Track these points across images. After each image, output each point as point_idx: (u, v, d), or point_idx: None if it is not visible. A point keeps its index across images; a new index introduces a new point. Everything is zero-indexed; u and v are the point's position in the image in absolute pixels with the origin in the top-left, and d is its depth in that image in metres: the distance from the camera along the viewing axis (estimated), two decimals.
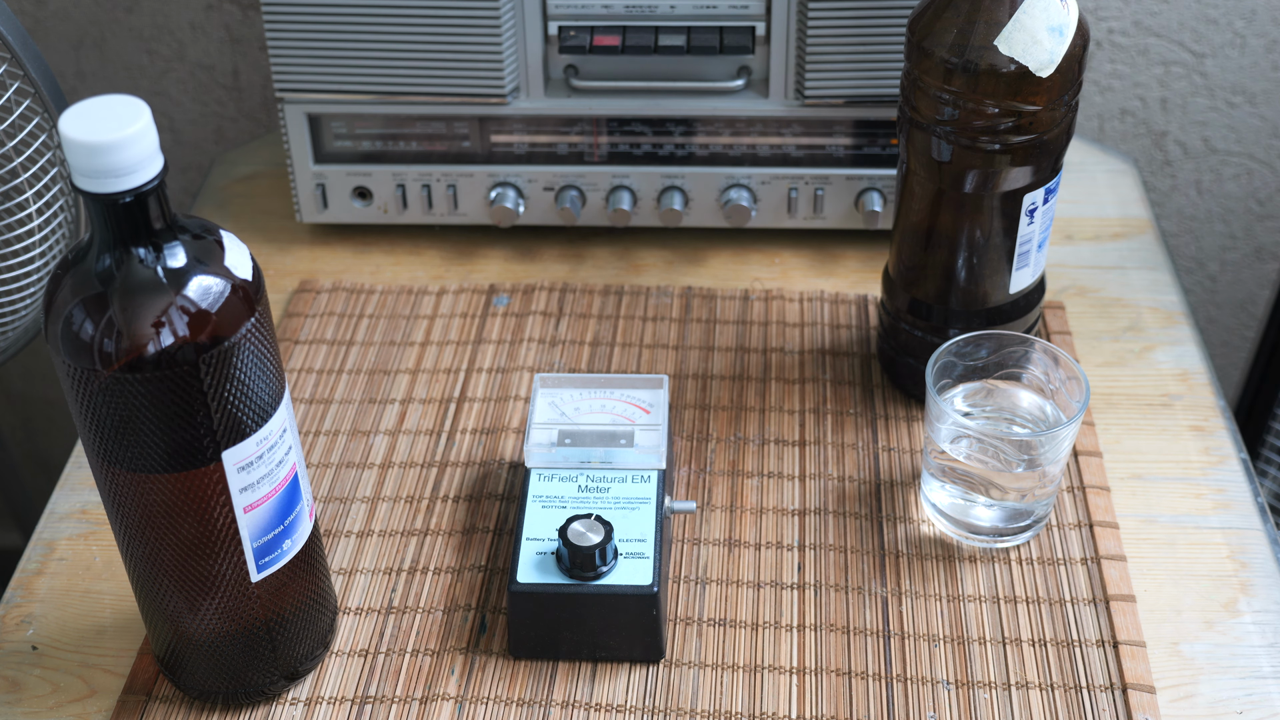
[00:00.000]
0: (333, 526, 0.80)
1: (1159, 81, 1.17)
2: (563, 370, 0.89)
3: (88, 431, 0.61)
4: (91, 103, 0.56)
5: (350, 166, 0.96)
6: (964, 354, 0.77)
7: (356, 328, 0.93)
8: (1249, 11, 1.12)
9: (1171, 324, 0.92)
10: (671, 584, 0.76)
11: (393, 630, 0.74)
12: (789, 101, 0.93)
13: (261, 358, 0.61)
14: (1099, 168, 1.06)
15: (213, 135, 1.25)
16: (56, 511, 0.82)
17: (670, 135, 0.94)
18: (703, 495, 0.81)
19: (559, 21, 0.91)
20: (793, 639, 0.73)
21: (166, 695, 0.71)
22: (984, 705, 0.69)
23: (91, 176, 0.55)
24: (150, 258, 0.58)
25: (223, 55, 1.20)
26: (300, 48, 0.92)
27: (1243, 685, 0.71)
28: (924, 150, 0.77)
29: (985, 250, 0.79)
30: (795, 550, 0.77)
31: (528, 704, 0.70)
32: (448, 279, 0.97)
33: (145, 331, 0.57)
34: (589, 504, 0.73)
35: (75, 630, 0.75)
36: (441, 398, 0.87)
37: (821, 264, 0.97)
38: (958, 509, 0.77)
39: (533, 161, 0.96)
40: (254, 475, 0.63)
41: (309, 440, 0.85)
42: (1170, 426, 0.85)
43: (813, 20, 0.89)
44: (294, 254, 1.00)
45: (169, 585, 0.65)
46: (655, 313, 0.93)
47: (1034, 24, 0.72)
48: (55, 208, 0.83)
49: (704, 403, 0.86)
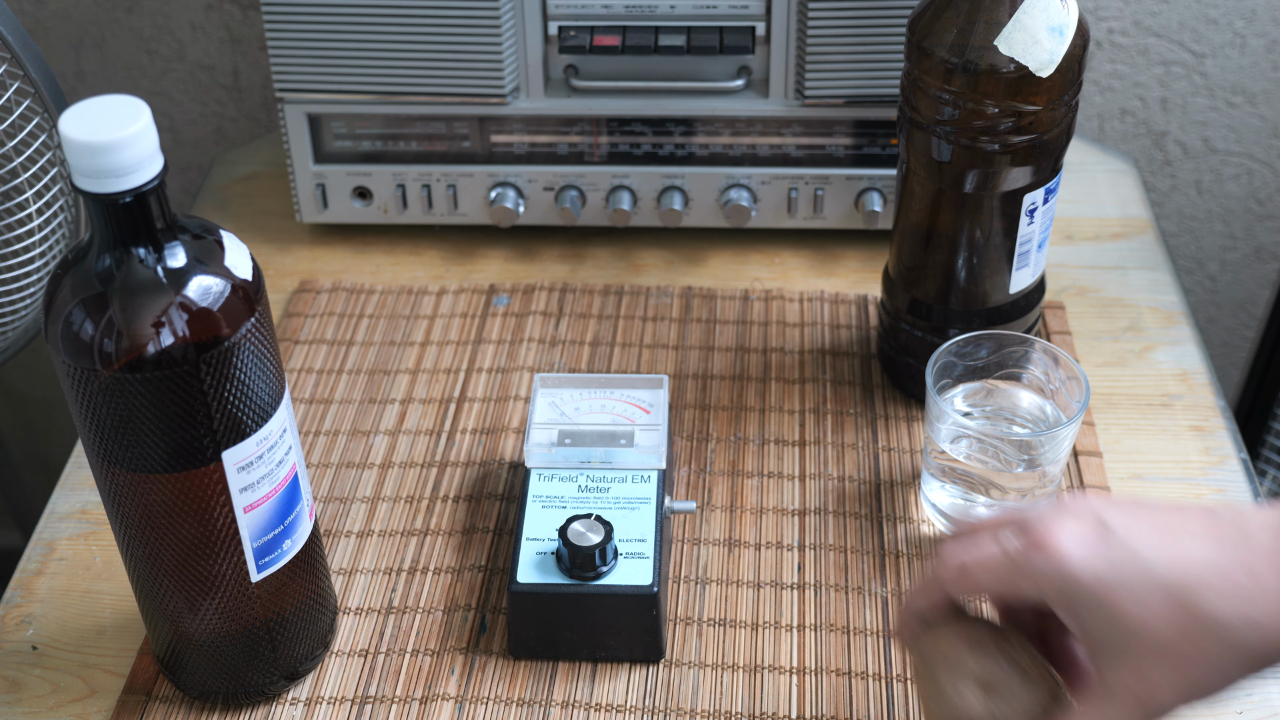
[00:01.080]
0: (333, 526, 0.80)
1: (1159, 81, 1.17)
2: (563, 370, 0.89)
3: (88, 431, 0.61)
4: (91, 103, 0.56)
5: (350, 166, 0.96)
6: (964, 354, 0.77)
7: (356, 328, 0.93)
8: (1249, 11, 1.12)
9: (1171, 324, 0.92)
10: (671, 584, 0.76)
11: (393, 630, 0.74)
12: (789, 101, 0.93)
13: (261, 358, 0.61)
14: (1099, 168, 1.06)
15: (213, 135, 1.25)
16: (56, 511, 0.82)
17: (670, 135, 0.94)
18: (703, 495, 0.81)
19: (559, 21, 0.91)
20: (793, 639, 0.73)
21: (166, 695, 0.71)
22: None
23: (91, 176, 0.55)
24: (150, 258, 0.58)
25: (223, 55, 1.20)
26: (300, 48, 0.92)
27: (1243, 685, 0.71)
28: (924, 150, 0.77)
29: (985, 250, 0.79)
30: (795, 550, 0.77)
31: (528, 704, 0.70)
32: (448, 279, 0.97)
33: (145, 331, 0.57)
34: (589, 504, 0.73)
35: (75, 630, 0.75)
36: (441, 398, 0.87)
37: (821, 264, 0.97)
38: (958, 509, 0.77)
39: (533, 161, 0.96)
40: (254, 475, 0.63)
41: (309, 440, 0.85)
42: (1170, 426, 0.85)
43: (813, 20, 0.89)
44: (294, 254, 1.00)
45: (169, 585, 0.65)
46: (655, 313, 0.93)
47: (1034, 24, 0.72)
48: (55, 208, 0.83)
49: (704, 403, 0.86)
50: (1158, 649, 0.51)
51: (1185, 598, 0.51)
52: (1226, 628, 0.51)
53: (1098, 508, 0.53)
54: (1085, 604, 0.52)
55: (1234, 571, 0.51)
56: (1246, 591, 0.50)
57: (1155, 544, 0.52)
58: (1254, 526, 0.52)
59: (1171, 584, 0.51)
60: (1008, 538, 0.54)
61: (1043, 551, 0.53)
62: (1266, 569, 0.51)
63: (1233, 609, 0.51)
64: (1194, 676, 0.52)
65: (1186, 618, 0.51)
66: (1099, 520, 0.53)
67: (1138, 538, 0.52)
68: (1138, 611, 0.51)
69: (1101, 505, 0.53)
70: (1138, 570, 0.51)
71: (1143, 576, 0.51)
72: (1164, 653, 0.51)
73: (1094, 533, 0.52)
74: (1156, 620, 0.51)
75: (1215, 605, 0.50)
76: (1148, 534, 0.52)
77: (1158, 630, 0.51)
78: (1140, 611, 0.51)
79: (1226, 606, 0.51)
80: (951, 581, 0.57)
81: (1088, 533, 0.52)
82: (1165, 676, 0.52)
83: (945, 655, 0.57)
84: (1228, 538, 0.51)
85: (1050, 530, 0.53)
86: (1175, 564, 0.51)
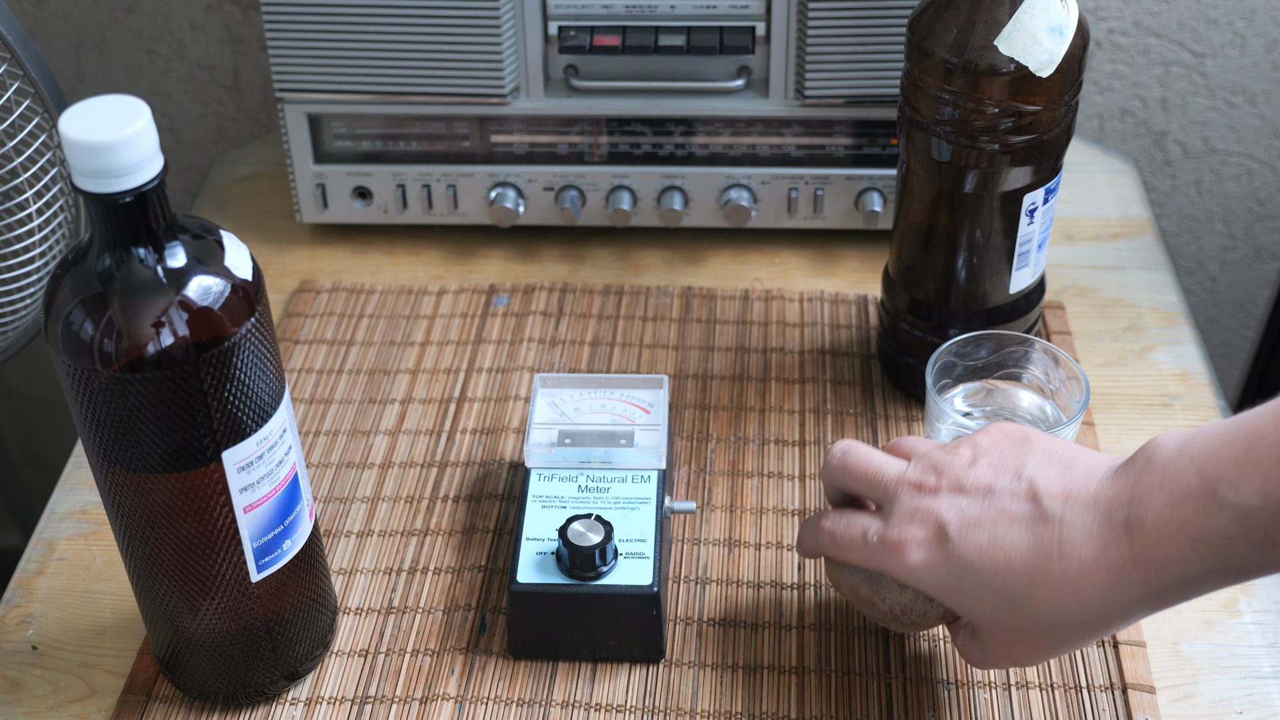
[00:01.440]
0: (333, 526, 0.80)
1: (1159, 81, 1.17)
2: (563, 370, 0.89)
3: (88, 431, 0.61)
4: (91, 103, 0.56)
5: (350, 166, 0.96)
6: (964, 354, 0.77)
7: (356, 328, 0.93)
8: (1249, 11, 1.12)
9: (1171, 324, 0.92)
10: (671, 584, 0.76)
11: (393, 630, 0.74)
12: (789, 101, 0.93)
13: (261, 358, 0.61)
14: (1099, 168, 1.06)
15: (213, 135, 1.25)
16: (56, 511, 0.82)
17: (670, 135, 0.94)
18: (703, 495, 0.81)
19: (559, 21, 0.91)
20: (793, 639, 0.73)
21: (166, 695, 0.71)
22: (984, 705, 0.69)
23: (91, 176, 0.55)
24: (150, 258, 0.58)
25: (223, 55, 1.20)
26: (300, 48, 0.92)
27: (1243, 685, 0.71)
28: (924, 150, 0.77)
29: (985, 250, 0.79)
30: (795, 550, 0.77)
31: (528, 704, 0.70)
32: (448, 279, 0.97)
33: (145, 331, 0.57)
34: (589, 504, 0.73)
35: (75, 630, 0.75)
36: (441, 398, 0.87)
37: (821, 264, 0.97)
38: None
39: (533, 161, 0.96)
40: (254, 475, 0.63)
41: (309, 440, 0.85)
42: (1170, 427, 0.85)
43: (813, 20, 0.89)
44: (294, 254, 1.00)
45: (169, 585, 0.65)
46: (655, 313, 0.93)
47: (1034, 24, 0.72)
48: (55, 208, 0.83)
49: (704, 403, 0.86)
50: (1001, 631, 0.60)
51: (1013, 603, 0.59)
52: (1054, 625, 0.58)
53: (940, 512, 0.60)
54: (933, 591, 0.62)
55: (1053, 580, 0.57)
56: (1064, 599, 0.57)
57: (983, 554, 0.59)
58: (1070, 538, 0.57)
59: (1000, 591, 0.59)
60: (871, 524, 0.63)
61: (891, 554, 0.62)
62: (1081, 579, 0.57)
63: (1054, 613, 0.58)
64: (1039, 646, 0.60)
65: (1018, 617, 0.59)
66: (939, 528, 0.60)
67: (970, 548, 0.59)
68: (977, 609, 0.60)
69: (942, 507, 0.61)
70: (971, 579, 0.59)
71: (975, 583, 0.59)
72: (1007, 633, 0.60)
73: (933, 541, 0.60)
74: (994, 616, 0.60)
75: (1038, 610, 0.58)
76: (979, 542, 0.59)
77: (998, 621, 0.60)
78: (979, 608, 0.60)
79: (1049, 611, 0.58)
80: (824, 546, 0.66)
81: (928, 540, 0.60)
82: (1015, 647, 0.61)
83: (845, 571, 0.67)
84: (1049, 549, 0.58)
85: (897, 537, 0.61)
86: (1001, 574, 0.58)
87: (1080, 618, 0.58)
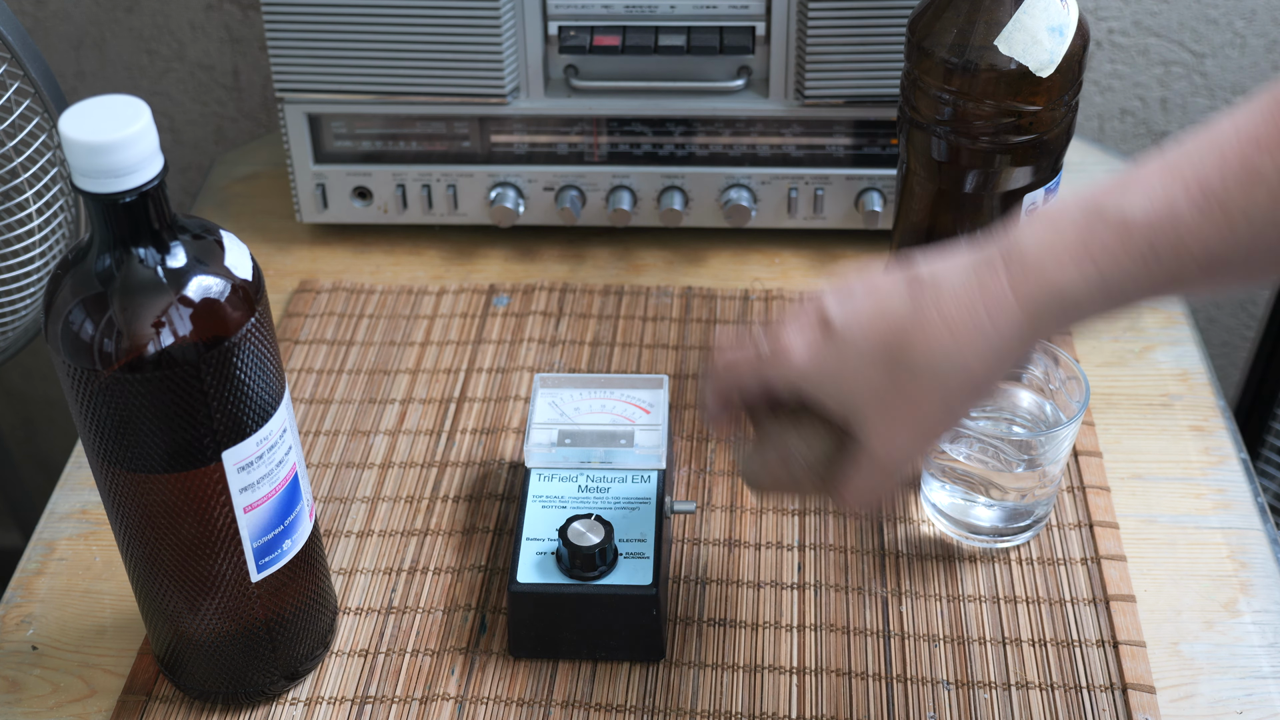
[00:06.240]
0: (333, 526, 0.80)
1: (1159, 81, 1.17)
2: (563, 370, 0.89)
3: (88, 431, 0.61)
4: (91, 103, 0.56)
5: (350, 166, 0.96)
6: None
7: (356, 328, 0.93)
8: (1249, 11, 1.12)
9: (1171, 324, 0.92)
10: (671, 584, 0.76)
11: (393, 630, 0.74)
12: (789, 101, 0.93)
13: (261, 358, 0.61)
14: (1099, 168, 1.06)
15: (213, 135, 1.25)
16: (56, 511, 0.82)
17: (670, 135, 0.94)
18: (703, 495, 0.81)
19: (559, 21, 0.91)
20: (793, 639, 0.73)
21: (166, 695, 0.71)
22: (984, 705, 0.69)
23: (92, 176, 0.55)
24: (150, 258, 0.58)
25: (223, 55, 1.20)
26: (300, 48, 0.92)
27: (1243, 685, 0.71)
28: (924, 150, 0.77)
29: None
30: (795, 550, 0.77)
31: (528, 704, 0.70)
32: (448, 279, 0.97)
33: (145, 331, 0.57)
34: (589, 504, 0.73)
35: (75, 630, 0.75)
36: (441, 398, 0.87)
37: (822, 264, 0.97)
38: (958, 509, 0.77)
39: (533, 161, 0.96)
40: (254, 475, 0.63)
41: (309, 440, 0.85)
42: (1170, 426, 0.85)
43: (813, 20, 0.89)
44: (294, 254, 1.00)
45: (169, 585, 0.65)
46: (655, 313, 0.93)
47: (1034, 24, 0.72)
48: (55, 208, 0.83)
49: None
50: (883, 406, 0.59)
51: (894, 360, 0.58)
52: (934, 374, 0.58)
53: (822, 304, 0.61)
54: (822, 389, 0.61)
55: (931, 325, 0.57)
56: (942, 343, 0.57)
57: (867, 322, 0.59)
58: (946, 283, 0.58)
59: (882, 354, 0.58)
60: (760, 341, 0.63)
61: (778, 357, 0.61)
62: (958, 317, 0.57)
63: (932, 362, 0.57)
64: (920, 418, 0.59)
65: (898, 374, 0.58)
66: (822, 318, 0.60)
67: (853, 324, 0.59)
68: (860, 384, 0.60)
69: (825, 300, 0.61)
70: (855, 354, 0.59)
71: (859, 357, 0.59)
72: (889, 406, 0.59)
73: (817, 332, 0.60)
74: (875, 386, 0.59)
75: (916, 362, 0.58)
76: (862, 313, 0.59)
77: (879, 392, 0.59)
78: (862, 383, 0.59)
79: (926, 361, 0.58)
80: (723, 375, 0.65)
81: (813, 334, 0.60)
82: (897, 426, 0.60)
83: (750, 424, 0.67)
84: (925, 299, 0.58)
85: (781, 338, 0.61)
86: (883, 333, 0.58)
87: (957, 361, 0.57)
